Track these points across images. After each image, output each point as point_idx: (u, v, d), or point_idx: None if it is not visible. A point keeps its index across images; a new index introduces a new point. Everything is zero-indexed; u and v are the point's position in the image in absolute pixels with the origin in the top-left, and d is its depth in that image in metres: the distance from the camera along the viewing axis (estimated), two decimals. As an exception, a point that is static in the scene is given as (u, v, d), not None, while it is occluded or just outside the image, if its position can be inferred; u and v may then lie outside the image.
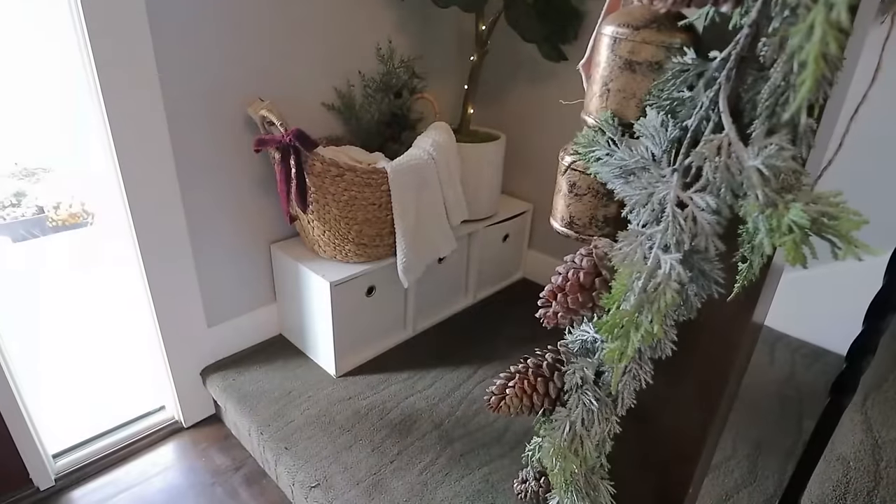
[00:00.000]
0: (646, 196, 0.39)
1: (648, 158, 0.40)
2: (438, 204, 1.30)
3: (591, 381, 0.47)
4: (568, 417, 0.49)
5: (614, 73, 0.48)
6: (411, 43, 1.53)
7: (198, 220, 1.23)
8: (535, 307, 0.59)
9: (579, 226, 0.56)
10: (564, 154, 0.58)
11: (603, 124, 0.46)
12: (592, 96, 0.51)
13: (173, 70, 1.09)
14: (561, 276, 0.49)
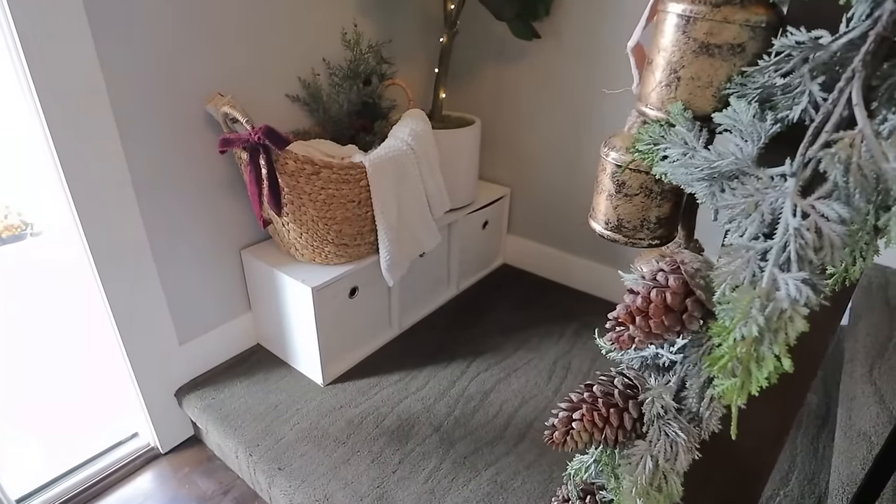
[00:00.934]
0: (751, 205, 0.33)
1: (745, 159, 0.35)
2: (420, 196, 1.23)
3: (672, 408, 0.42)
4: (648, 451, 0.44)
5: (686, 59, 0.42)
6: (376, 26, 1.44)
7: (159, 230, 1.12)
8: (518, 292, 0.53)
9: (629, 229, 0.51)
10: (609, 150, 0.52)
11: (677, 118, 0.40)
12: (655, 85, 0.45)
13: (116, 66, 0.98)
14: (640, 296, 0.42)
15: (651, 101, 0.46)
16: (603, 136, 1.51)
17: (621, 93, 1.38)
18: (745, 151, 0.35)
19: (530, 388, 1.26)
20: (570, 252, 1.66)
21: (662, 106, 0.44)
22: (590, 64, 1.41)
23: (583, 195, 1.56)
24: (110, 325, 1.12)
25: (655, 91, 0.44)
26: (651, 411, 0.42)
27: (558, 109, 1.52)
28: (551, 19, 1.44)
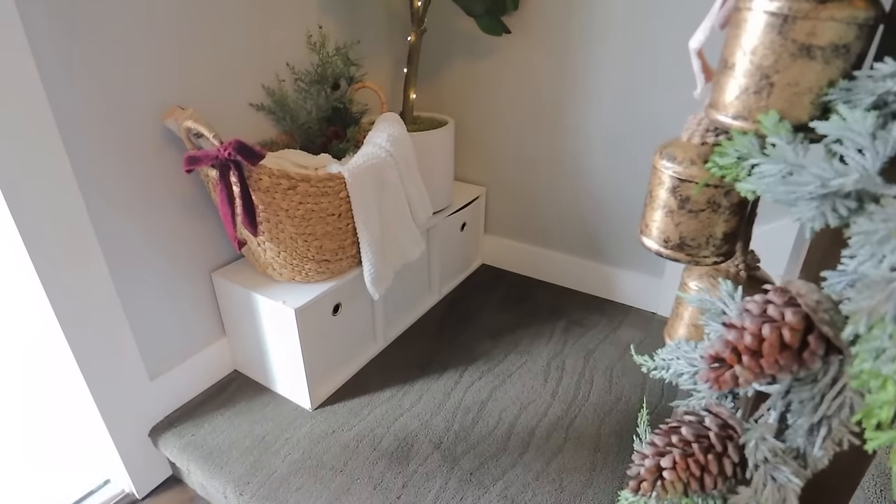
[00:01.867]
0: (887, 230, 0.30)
1: (870, 176, 0.31)
2: (402, 204, 1.17)
3: (780, 450, 0.38)
4: (755, 498, 0.39)
5: (783, 62, 0.37)
6: (341, 28, 1.36)
7: (119, 258, 1.03)
8: (501, 292, 0.48)
9: (693, 247, 0.47)
10: (667, 161, 0.48)
11: (774, 129, 0.36)
12: (740, 92, 0.41)
13: (59, 84, 0.88)
14: (749, 331, 0.36)
15: (733, 109, 0.42)
16: (576, 130, 1.50)
17: (595, 83, 1.36)
18: (867, 167, 0.31)
19: (527, 393, 1.23)
20: (550, 248, 1.64)
21: (750, 116, 0.40)
22: (561, 57, 1.38)
23: (559, 190, 1.54)
24: (72, 366, 1.02)
25: (740, 99, 0.40)
26: (756, 455, 0.39)
27: (531, 104, 1.48)
28: (520, 13, 1.40)
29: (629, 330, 1.44)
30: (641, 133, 1.35)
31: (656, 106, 1.30)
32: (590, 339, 1.41)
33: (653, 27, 1.24)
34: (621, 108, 1.35)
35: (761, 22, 0.38)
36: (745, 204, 0.46)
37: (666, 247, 0.50)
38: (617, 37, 1.29)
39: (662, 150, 0.50)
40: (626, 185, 1.43)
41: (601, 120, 1.39)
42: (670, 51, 1.24)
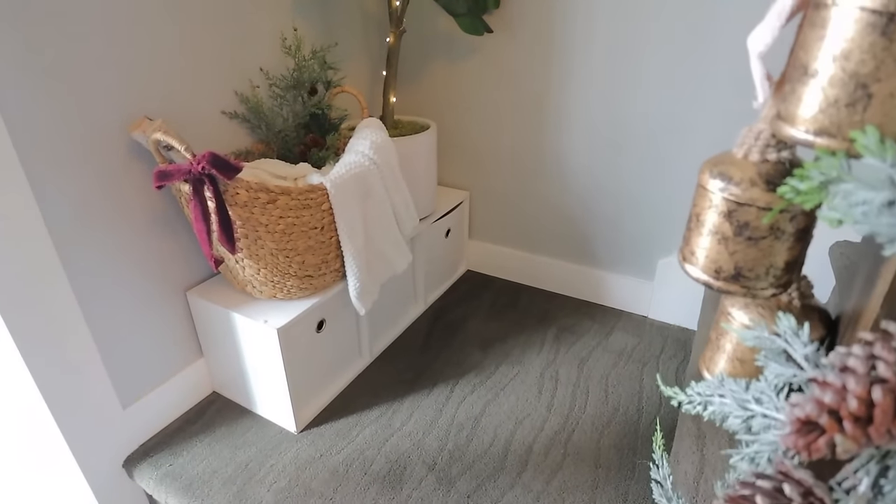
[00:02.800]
0: None
1: None
2: (387, 214, 1.12)
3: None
4: None
5: (886, 69, 0.32)
6: (315, 28, 1.30)
7: (84, 279, 0.95)
8: (488, 300, 0.43)
9: (750, 278, 0.42)
10: (721, 181, 0.42)
11: (878, 149, 0.31)
12: (826, 103, 0.35)
13: (14, 96, 0.80)
14: (854, 394, 0.31)
15: (816, 124, 0.36)
16: (561, 130, 1.46)
17: (580, 82, 1.32)
18: None
19: (522, 407, 1.19)
20: (536, 252, 1.60)
21: (839, 132, 0.35)
22: (544, 56, 1.34)
23: (544, 192, 1.50)
24: (36, 398, 0.94)
25: (826, 112, 0.34)
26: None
27: (513, 105, 1.44)
28: (501, 11, 1.36)
29: (622, 335, 1.41)
30: (628, 132, 1.32)
31: (643, 104, 1.27)
32: (582, 346, 1.38)
33: (638, 24, 1.21)
34: (607, 107, 1.32)
35: (858, 21, 0.33)
36: (811, 229, 0.41)
37: (717, 278, 0.44)
38: (601, 34, 1.25)
39: (713, 169, 0.44)
40: (613, 185, 1.40)
41: (586, 119, 1.36)
42: (655, 48, 1.21)
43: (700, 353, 0.63)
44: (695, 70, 1.19)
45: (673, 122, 1.26)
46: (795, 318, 0.40)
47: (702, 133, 1.24)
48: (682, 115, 1.24)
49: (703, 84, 1.19)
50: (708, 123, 1.22)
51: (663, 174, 1.32)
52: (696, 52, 1.17)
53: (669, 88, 1.23)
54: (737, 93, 1.16)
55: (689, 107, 1.22)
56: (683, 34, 1.17)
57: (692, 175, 1.28)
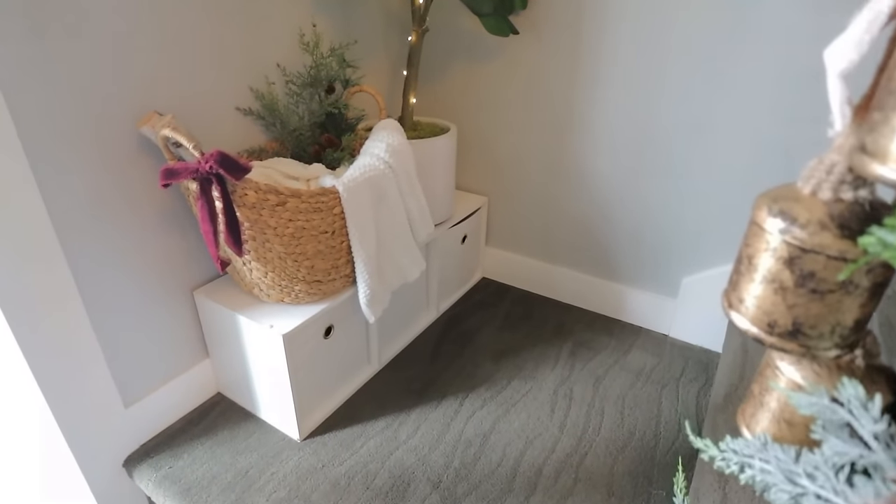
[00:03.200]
0: None
1: None
2: (401, 220, 1.08)
3: None
4: None
5: None
6: (335, 26, 1.27)
7: (90, 278, 0.93)
8: (503, 309, 0.38)
9: (811, 336, 0.36)
10: (783, 221, 0.36)
11: None
12: None
13: (21, 88, 0.78)
14: None
15: None
16: (586, 138, 1.41)
17: (608, 89, 1.27)
18: None
19: (533, 425, 1.14)
20: (555, 263, 1.55)
21: None
22: (571, 60, 1.29)
23: (565, 201, 1.45)
24: (37, 395, 0.92)
25: None
26: None
27: (538, 110, 1.39)
28: (529, 12, 1.31)
29: (641, 354, 1.36)
30: (654, 143, 1.26)
31: (670, 116, 1.21)
32: (599, 363, 1.32)
33: (667, 34, 1.15)
34: (633, 117, 1.26)
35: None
36: (889, 282, 0.35)
37: (770, 333, 0.38)
38: (629, 42, 1.20)
39: (772, 205, 0.37)
40: (637, 197, 1.34)
41: (611, 128, 1.30)
42: (685, 58, 1.15)
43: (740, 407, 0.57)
44: (726, 82, 1.13)
45: (701, 135, 1.20)
46: (860, 382, 0.34)
47: (733, 148, 1.17)
48: (712, 128, 1.18)
49: (736, 96, 1.13)
50: (740, 139, 1.16)
51: (690, 188, 1.26)
52: (728, 64, 1.11)
53: (699, 100, 1.17)
54: (772, 108, 1.10)
55: (720, 120, 1.16)
56: (714, 45, 1.11)
57: (722, 192, 1.22)
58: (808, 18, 1.02)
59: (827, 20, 1.00)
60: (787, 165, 1.13)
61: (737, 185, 1.20)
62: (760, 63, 1.09)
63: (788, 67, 1.06)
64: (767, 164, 1.15)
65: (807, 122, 1.08)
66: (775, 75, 1.08)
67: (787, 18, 1.04)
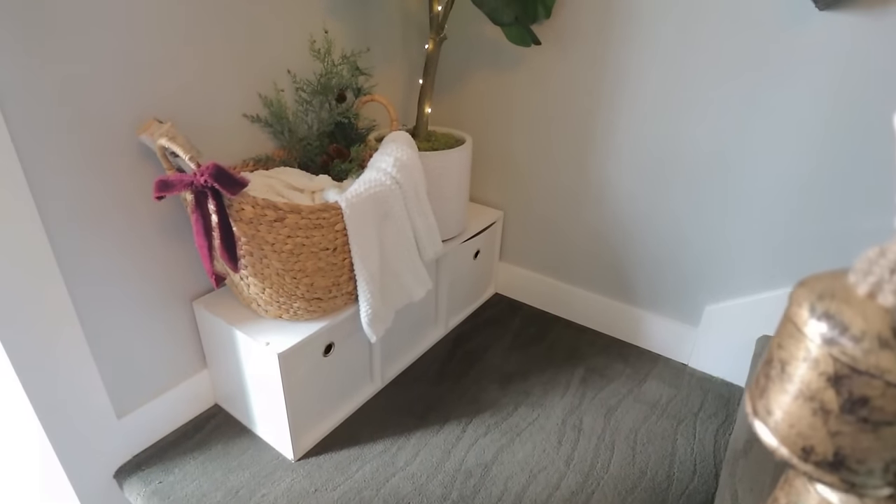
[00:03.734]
0: None
1: None
2: (407, 238, 1.03)
3: None
4: None
5: None
6: (350, 32, 1.23)
7: (85, 288, 0.91)
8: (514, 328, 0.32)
9: (857, 472, 0.29)
10: (830, 328, 0.29)
11: None
12: None
13: (14, 87, 0.75)
14: None
15: None
16: (609, 154, 1.34)
17: (633, 104, 1.20)
18: None
19: (538, 458, 1.08)
20: (571, 282, 1.49)
21: None
22: (595, 72, 1.23)
23: (583, 219, 1.39)
24: (25, 404, 0.90)
25: None
26: None
27: (559, 123, 1.33)
28: (552, 22, 1.25)
29: (657, 384, 1.29)
30: (680, 165, 1.19)
31: (697, 138, 1.14)
32: (611, 392, 1.26)
33: (699, 53, 1.08)
34: (658, 136, 1.20)
35: None
36: None
37: (805, 460, 0.29)
38: (659, 59, 1.13)
39: (816, 304, 0.29)
40: (659, 219, 1.27)
41: (635, 146, 1.24)
42: (717, 80, 1.08)
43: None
44: (761, 111, 1.05)
45: (730, 162, 1.12)
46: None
47: (764, 181, 1.10)
48: (741, 157, 1.11)
49: (770, 128, 1.06)
50: (772, 172, 1.08)
51: (716, 213, 1.19)
52: (763, 88, 1.04)
53: (730, 127, 1.10)
54: (809, 148, 1.02)
55: (752, 149, 1.09)
56: (749, 71, 1.04)
57: (750, 220, 1.15)
58: (860, 45, 0.94)
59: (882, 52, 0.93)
60: (824, 207, 1.05)
61: (766, 215, 1.13)
62: (799, 95, 1.01)
63: (835, 103, 0.99)
64: (801, 201, 1.08)
65: (848, 167, 1.01)
66: (816, 112, 1.01)
67: (834, 46, 0.96)
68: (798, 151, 1.06)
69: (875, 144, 0.99)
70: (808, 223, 1.10)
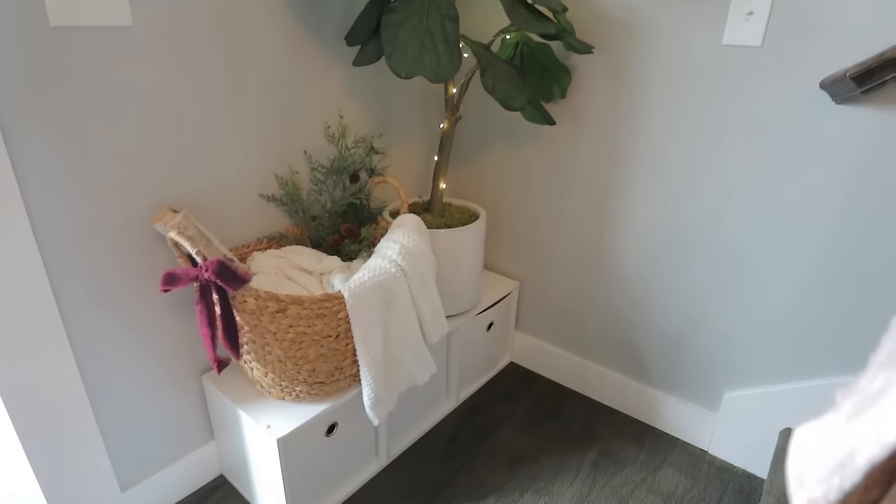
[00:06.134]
0: None
1: None
2: (412, 324, 1.03)
3: None
4: None
5: None
6: (368, 110, 1.26)
7: (94, 359, 0.93)
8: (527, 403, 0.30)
9: None
10: None
11: None
12: None
13: (37, 177, 0.80)
14: None
15: None
16: (623, 230, 1.32)
17: (647, 182, 1.19)
18: None
19: (541, 554, 1.04)
20: (586, 357, 1.45)
21: None
22: (610, 150, 1.22)
23: (599, 294, 1.36)
24: (29, 477, 0.92)
25: None
26: None
27: (574, 198, 1.33)
28: (568, 101, 1.26)
29: (673, 473, 1.23)
30: (692, 245, 1.16)
31: (708, 220, 1.12)
32: (624, 480, 1.21)
33: (712, 135, 1.07)
34: (671, 215, 1.17)
35: None
36: None
37: None
38: (673, 139, 1.12)
39: None
40: (674, 298, 1.23)
41: (653, 223, 1.22)
42: (729, 163, 1.06)
43: None
44: (775, 195, 1.03)
45: (744, 245, 1.09)
46: None
47: (781, 268, 1.06)
48: (755, 240, 1.07)
49: (784, 211, 1.03)
50: (788, 260, 1.04)
51: (730, 297, 1.15)
52: (779, 176, 1.01)
53: (744, 210, 1.07)
54: (823, 227, 0.99)
55: (764, 233, 1.06)
56: (766, 155, 1.02)
57: (768, 308, 1.10)
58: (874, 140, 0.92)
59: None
60: (839, 300, 1.01)
61: (779, 303, 1.08)
62: (815, 185, 0.98)
63: (852, 193, 0.96)
64: (815, 292, 1.03)
65: (866, 258, 0.96)
66: (832, 202, 0.97)
67: (850, 138, 0.94)
68: (813, 241, 1.02)
69: (892, 236, 0.94)
70: (822, 315, 1.05)
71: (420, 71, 0.96)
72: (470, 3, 1.34)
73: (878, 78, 0.87)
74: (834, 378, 1.08)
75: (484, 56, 1.07)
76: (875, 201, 0.95)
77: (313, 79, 1.11)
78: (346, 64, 1.17)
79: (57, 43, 0.76)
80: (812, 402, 1.11)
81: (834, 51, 0.92)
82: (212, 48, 0.93)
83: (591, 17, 1.16)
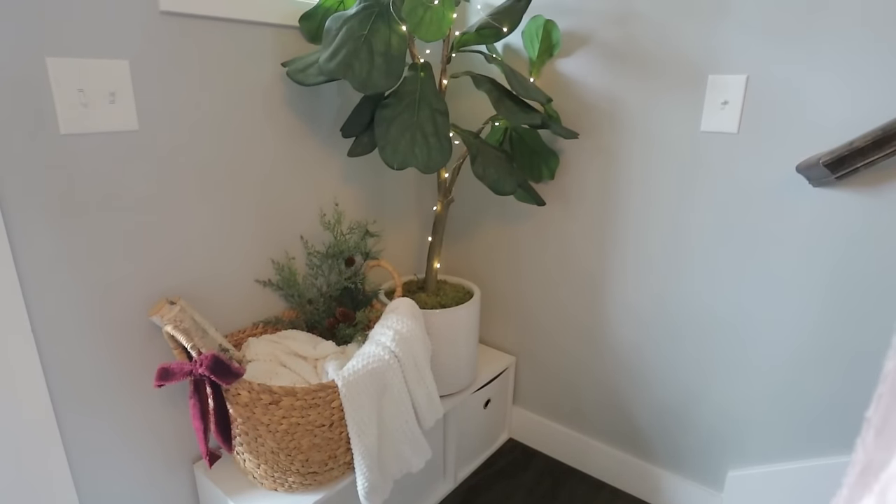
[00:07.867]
0: None
1: None
2: (406, 410, 1.03)
3: None
4: None
5: None
6: (362, 194, 1.30)
7: (85, 455, 0.92)
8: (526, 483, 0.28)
9: None
10: None
11: None
12: None
13: (37, 271, 0.82)
14: None
15: None
16: (618, 306, 1.33)
17: (640, 258, 1.21)
18: None
19: None
20: (585, 433, 1.43)
21: None
22: (600, 226, 1.25)
23: (596, 370, 1.36)
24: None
25: None
26: None
27: (564, 273, 1.35)
28: (557, 182, 1.30)
29: (678, 560, 1.19)
30: (684, 321, 1.17)
31: (700, 296, 1.13)
32: (628, 569, 1.16)
33: (700, 214, 1.10)
34: (665, 290, 1.19)
35: None
36: None
37: None
38: (660, 218, 1.15)
39: None
40: (669, 374, 1.23)
41: (640, 298, 1.23)
42: (718, 238, 1.08)
43: None
44: (759, 273, 1.05)
45: (731, 322, 1.11)
46: None
47: (775, 343, 1.07)
48: (742, 317, 1.09)
49: (769, 289, 1.04)
50: (782, 334, 1.05)
51: (726, 372, 1.15)
52: (761, 255, 1.04)
53: (729, 287, 1.09)
54: (809, 306, 1.00)
55: (750, 310, 1.07)
56: (748, 235, 1.05)
57: (767, 384, 1.10)
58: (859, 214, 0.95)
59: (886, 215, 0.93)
60: (829, 379, 1.01)
61: (776, 380, 1.08)
62: (798, 264, 1.01)
63: (833, 272, 0.98)
64: (815, 364, 1.04)
65: (851, 336, 0.98)
66: (816, 280, 1.00)
67: (828, 219, 0.97)
68: (799, 321, 1.03)
69: (876, 313, 0.96)
70: (813, 394, 1.05)
71: (411, 163, 1.01)
72: (461, 93, 1.41)
73: (850, 165, 0.91)
74: (838, 458, 1.07)
75: (474, 144, 1.12)
76: (857, 283, 0.97)
77: (310, 168, 1.16)
78: (342, 153, 1.22)
79: (66, 148, 0.80)
80: (819, 483, 1.09)
81: (808, 137, 0.97)
82: (214, 145, 0.98)
83: (576, 106, 1.23)
